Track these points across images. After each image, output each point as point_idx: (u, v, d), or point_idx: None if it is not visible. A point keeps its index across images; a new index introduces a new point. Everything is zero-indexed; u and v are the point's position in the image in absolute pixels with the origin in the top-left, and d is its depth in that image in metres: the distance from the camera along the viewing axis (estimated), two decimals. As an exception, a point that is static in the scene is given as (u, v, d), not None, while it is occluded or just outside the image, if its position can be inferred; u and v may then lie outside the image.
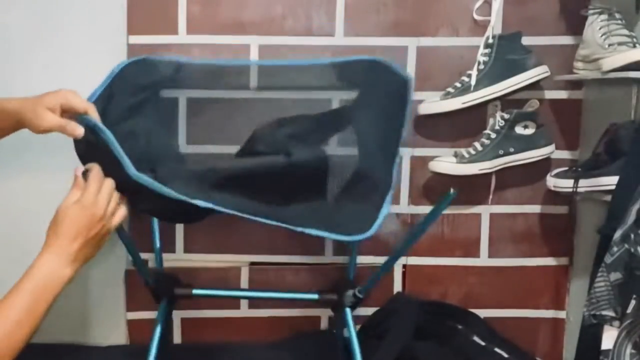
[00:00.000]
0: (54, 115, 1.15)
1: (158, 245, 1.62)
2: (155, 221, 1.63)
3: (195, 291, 1.52)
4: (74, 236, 1.07)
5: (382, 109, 1.42)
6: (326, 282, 1.69)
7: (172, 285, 1.54)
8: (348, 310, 1.47)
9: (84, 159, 1.15)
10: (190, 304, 1.68)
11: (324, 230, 1.19)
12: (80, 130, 1.14)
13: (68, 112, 1.17)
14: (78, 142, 1.16)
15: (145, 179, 1.11)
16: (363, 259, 1.74)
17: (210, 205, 1.14)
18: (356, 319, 1.65)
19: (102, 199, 1.09)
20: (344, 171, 1.38)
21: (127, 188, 1.13)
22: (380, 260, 1.73)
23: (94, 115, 1.17)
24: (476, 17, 1.64)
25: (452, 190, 1.23)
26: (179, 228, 1.71)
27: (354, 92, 1.53)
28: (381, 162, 1.34)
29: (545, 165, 1.64)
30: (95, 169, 1.11)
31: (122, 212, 1.13)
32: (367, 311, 1.68)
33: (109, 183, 1.11)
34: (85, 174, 1.11)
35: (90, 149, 1.15)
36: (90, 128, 1.13)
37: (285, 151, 1.30)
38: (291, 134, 1.38)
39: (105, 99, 1.30)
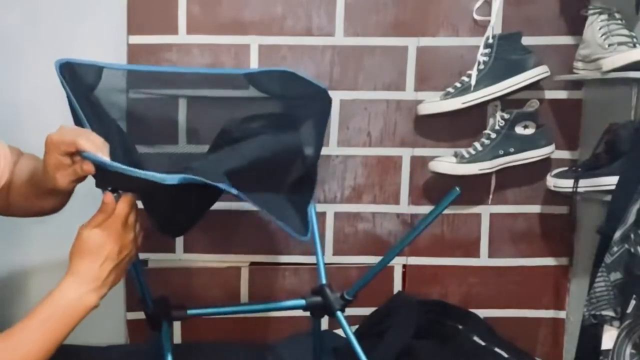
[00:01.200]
0: (61, 174, 1.11)
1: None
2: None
3: (190, 312, 1.45)
4: (103, 261, 1.05)
5: (307, 118, 1.40)
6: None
7: (168, 308, 1.46)
8: (339, 314, 1.41)
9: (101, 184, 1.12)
10: (190, 304, 1.68)
11: (281, 220, 1.19)
12: (90, 168, 1.09)
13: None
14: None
15: (183, 176, 1.06)
16: (362, 259, 1.74)
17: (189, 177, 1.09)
18: (355, 318, 1.65)
19: (132, 225, 1.08)
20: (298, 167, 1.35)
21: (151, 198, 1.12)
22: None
23: (106, 155, 1.11)
24: (476, 17, 1.64)
25: (457, 188, 1.22)
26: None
27: (277, 103, 1.47)
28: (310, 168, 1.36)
29: (545, 165, 1.64)
30: (129, 195, 1.08)
31: (141, 236, 1.12)
32: (367, 311, 1.68)
33: (136, 210, 1.09)
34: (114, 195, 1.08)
35: (103, 174, 1.11)
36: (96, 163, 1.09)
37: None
38: (263, 125, 1.36)
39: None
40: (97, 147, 1.06)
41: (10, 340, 1.01)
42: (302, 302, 1.45)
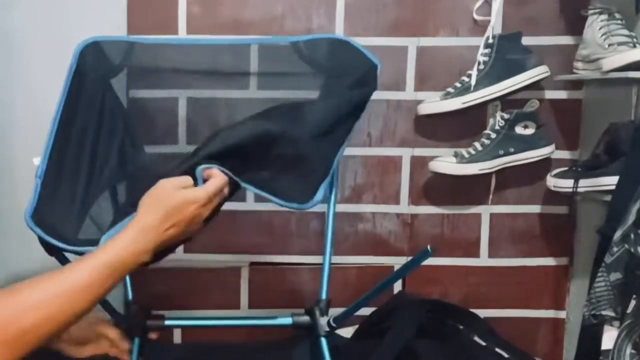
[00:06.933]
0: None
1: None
2: None
3: (168, 322, 1.36)
4: (172, 224, 1.01)
5: (344, 97, 1.32)
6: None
7: (144, 317, 1.37)
8: (323, 340, 1.31)
9: None
10: (190, 304, 1.69)
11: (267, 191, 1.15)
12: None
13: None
14: None
15: None
16: (362, 259, 1.74)
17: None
18: (355, 318, 1.65)
19: (214, 203, 1.05)
20: (292, 147, 1.26)
21: None
22: (380, 260, 1.73)
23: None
24: (476, 17, 1.64)
25: (428, 248, 1.17)
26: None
27: (319, 78, 1.42)
28: (327, 148, 1.26)
29: (545, 165, 1.65)
30: (221, 176, 1.07)
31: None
32: (367, 311, 1.68)
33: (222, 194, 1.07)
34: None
35: None
36: None
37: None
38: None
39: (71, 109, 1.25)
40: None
41: (53, 277, 0.95)
42: (289, 320, 1.36)
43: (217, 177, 1.07)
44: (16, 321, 0.91)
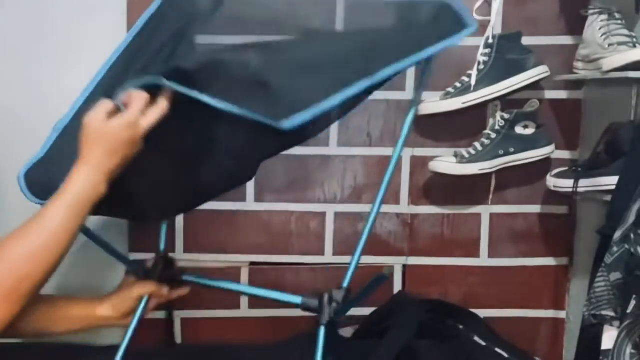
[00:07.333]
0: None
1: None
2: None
3: (185, 277, 1.45)
4: (114, 152, 1.05)
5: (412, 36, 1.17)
6: (326, 283, 1.69)
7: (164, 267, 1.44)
8: (322, 329, 1.28)
9: None
10: (190, 304, 1.69)
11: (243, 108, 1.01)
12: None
13: None
14: None
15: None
16: (362, 259, 1.73)
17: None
18: (355, 318, 1.65)
19: (149, 119, 1.05)
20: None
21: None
22: (380, 260, 1.73)
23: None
24: (476, 17, 1.64)
25: (385, 274, 1.18)
26: (179, 228, 1.71)
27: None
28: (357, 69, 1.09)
29: (545, 165, 1.64)
30: (139, 95, 1.06)
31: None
32: (367, 311, 1.68)
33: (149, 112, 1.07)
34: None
35: None
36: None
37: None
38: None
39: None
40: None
41: (31, 225, 1.04)
42: (299, 299, 1.36)
43: (136, 98, 1.06)
44: (10, 274, 1.01)
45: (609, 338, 1.22)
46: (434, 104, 1.59)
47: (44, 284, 1.05)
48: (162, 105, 1.06)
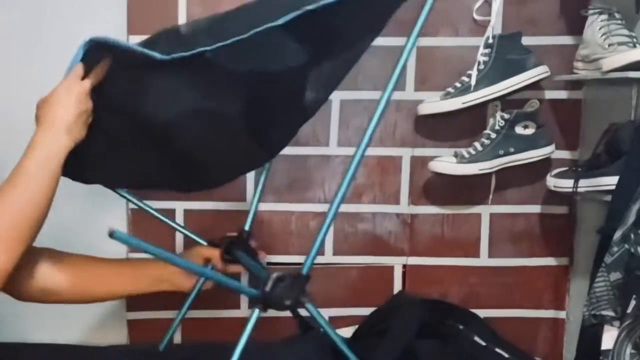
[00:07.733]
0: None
1: None
2: None
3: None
4: (65, 110, 1.14)
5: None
6: (326, 282, 1.69)
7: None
8: (256, 312, 1.31)
9: None
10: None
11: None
12: None
13: None
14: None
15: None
16: (362, 259, 1.74)
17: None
18: (356, 318, 1.65)
19: (96, 76, 1.17)
20: None
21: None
22: (380, 260, 1.73)
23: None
24: (476, 17, 1.64)
25: None
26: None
27: None
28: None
29: (545, 165, 1.64)
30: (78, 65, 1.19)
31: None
32: (367, 311, 1.68)
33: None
34: None
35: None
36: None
37: None
38: None
39: None
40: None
41: (9, 179, 1.13)
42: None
43: (73, 69, 1.18)
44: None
45: (609, 338, 1.22)
46: (434, 104, 1.59)
47: (35, 230, 1.14)
48: (97, 71, 1.17)
